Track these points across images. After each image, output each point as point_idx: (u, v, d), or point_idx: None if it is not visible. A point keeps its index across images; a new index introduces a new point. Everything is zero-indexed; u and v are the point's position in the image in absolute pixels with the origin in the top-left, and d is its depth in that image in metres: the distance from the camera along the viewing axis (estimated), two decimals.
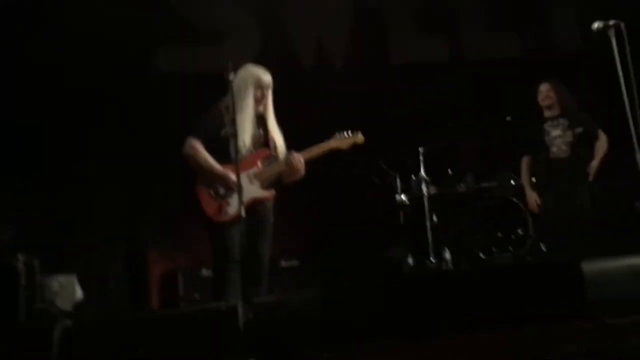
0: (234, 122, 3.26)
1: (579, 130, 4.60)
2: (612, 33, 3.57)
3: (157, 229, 5.82)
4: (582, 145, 4.62)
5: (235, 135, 3.26)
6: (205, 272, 5.23)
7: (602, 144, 4.65)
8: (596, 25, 3.67)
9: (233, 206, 3.35)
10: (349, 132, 3.67)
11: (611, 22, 3.59)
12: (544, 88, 4.75)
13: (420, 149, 5.42)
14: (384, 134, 6.00)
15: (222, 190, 3.43)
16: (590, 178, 4.59)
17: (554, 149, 4.58)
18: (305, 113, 6.14)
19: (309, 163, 3.60)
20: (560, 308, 2.39)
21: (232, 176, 3.31)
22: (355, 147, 3.74)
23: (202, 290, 5.14)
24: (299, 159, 3.50)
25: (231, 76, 3.30)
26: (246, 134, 3.50)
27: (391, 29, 6.59)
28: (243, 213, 3.11)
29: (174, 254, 5.77)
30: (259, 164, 3.56)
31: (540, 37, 6.73)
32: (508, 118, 5.52)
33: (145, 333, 2.68)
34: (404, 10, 6.61)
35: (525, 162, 4.86)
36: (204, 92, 5.66)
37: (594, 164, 4.60)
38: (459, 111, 5.94)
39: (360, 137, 3.67)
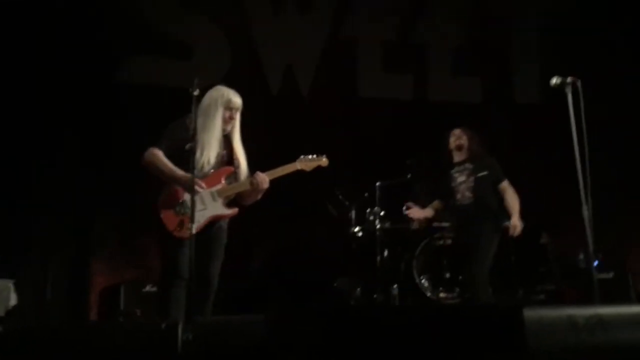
0: (194, 139, 3.26)
1: (483, 173, 4.57)
2: (569, 89, 3.71)
3: (103, 239, 5.69)
4: (486, 189, 4.57)
5: (194, 152, 3.25)
6: (149, 288, 5.11)
7: (511, 195, 4.61)
8: (554, 80, 3.81)
9: (195, 222, 3.21)
10: (314, 155, 3.75)
11: (568, 79, 3.73)
12: (456, 132, 4.77)
13: (378, 183, 5.46)
14: (344, 164, 6.06)
15: (185, 207, 3.36)
16: (515, 234, 4.54)
17: (458, 196, 4.59)
18: (269, 136, 6.15)
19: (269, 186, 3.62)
20: (501, 353, 2.42)
21: (196, 180, 3.24)
22: (313, 174, 3.80)
23: (145, 306, 5.01)
24: (264, 179, 3.52)
25: (196, 92, 3.31)
26: (212, 151, 3.50)
27: (361, 62, 6.69)
28: (193, 230, 3.07)
29: (118, 267, 5.63)
30: (223, 181, 3.54)
31: (502, 86, 6.94)
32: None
33: (78, 344, 2.59)
34: (375, 46, 6.74)
35: (434, 206, 4.86)
36: (168, 106, 5.70)
37: (514, 221, 4.52)
38: (418, 149, 6.04)
39: (324, 161, 3.75)
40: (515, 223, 4.51)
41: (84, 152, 5.67)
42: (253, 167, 4.38)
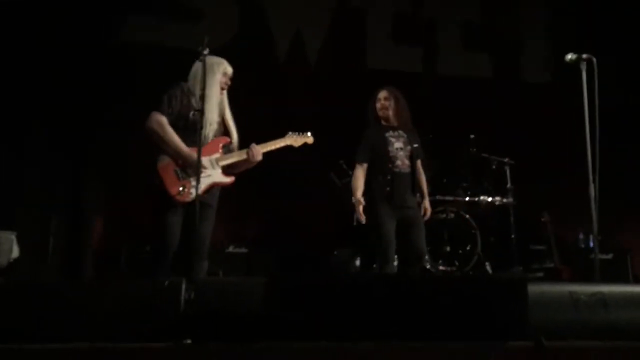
0: (202, 98, 3.26)
1: (416, 145, 4.33)
2: (583, 66, 3.67)
3: (102, 199, 5.68)
4: (417, 162, 4.31)
5: (203, 112, 3.26)
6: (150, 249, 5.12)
7: (422, 174, 4.38)
8: (569, 56, 3.76)
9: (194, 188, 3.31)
10: (301, 132, 3.90)
11: (584, 55, 3.68)
12: (384, 93, 4.38)
13: None
14: (350, 134, 6.03)
15: (187, 171, 3.42)
16: (426, 217, 4.28)
17: (398, 162, 4.21)
18: (275, 103, 6.12)
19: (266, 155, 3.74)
20: (503, 325, 2.42)
21: (193, 158, 3.31)
22: (316, 145, 3.93)
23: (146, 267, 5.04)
24: (259, 151, 3.64)
25: (206, 51, 3.29)
26: (213, 120, 3.56)
27: (371, 33, 6.61)
28: (200, 192, 3.20)
29: (116, 229, 5.64)
30: (220, 149, 3.62)
31: (512, 63, 6.87)
32: (472, 136, 5.63)
33: (81, 300, 2.59)
34: (385, 16, 6.64)
35: (362, 169, 4.31)
36: (172, 67, 5.64)
37: (426, 203, 4.31)
38: (425, 123, 6.00)
39: (310, 138, 3.92)
40: (427, 206, 4.31)
41: (84, 110, 5.61)
42: (257, 132, 4.39)
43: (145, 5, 5.99)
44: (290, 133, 3.86)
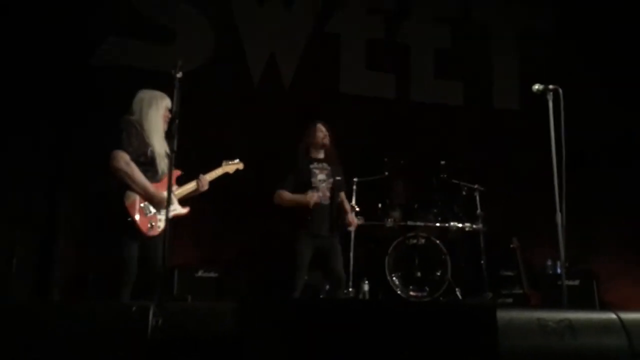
0: (174, 120, 3.36)
1: (339, 178, 4.56)
2: (550, 96, 3.77)
3: (72, 223, 5.58)
4: (338, 195, 4.59)
5: (175, 120, 3.35)
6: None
7: (345, 201, 4.74)
8: (536, 87, 3.87)
9: (162, 221, 3.61)
10: (236, 160, 4.27)
11: (550, 86, 3.79)
12: (323, 128, 4.62)
13: (355, 179, 5.47)
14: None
15: (151, 207, 3.60)
16: (354, 228, 4.78)
17: (319, 193, 4.42)
18: (249, 127, 6.13)
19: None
20: (472, 352, 2.43)
21: (162, 194, 3.52)
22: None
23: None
24: (207, 181, 3.94)
25: (179, 74, 3.32)
26: (163, 155, 3.70)
27: (344, 58, 6.68)
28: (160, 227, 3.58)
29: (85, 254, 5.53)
30: (175, 183, 3.78)
31: (483, 91, 7.00)
32: (442, 162, 5.71)
33: (45, 323, 2.53)
34: (359, 42, 6.73)
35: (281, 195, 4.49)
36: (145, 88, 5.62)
37: (352, 216, 4.68)
38: (396, 148, 6.08)
39: (240, 164, 4.27)
40: (353, 218, 4.69)
41: (57, 132, 5.54)
42: (229, 154, 4.42)
43: (121, 26, 5.96)
44: (224, 161, 4.19)
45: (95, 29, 5.83)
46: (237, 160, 4.27)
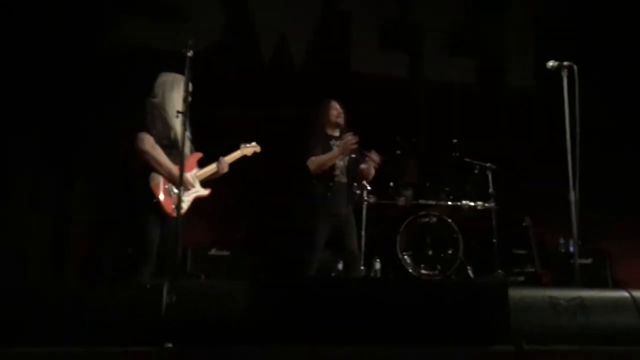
0: (186, 99, 3.37)
1: (354, 156, 4.51)
2: (565, 73, 3.72)
3: (85, 203, 5.62)
4: (353, 171, 4.54)
5: (186, 114, 3.36)
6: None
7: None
8: (551, 63, 3.82)
9: (186, 202, 3.74)
10: (253, 142, 4.33)
11: (565, 63, 3.74)
12: (338, 106, 4.59)
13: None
14: None
15: (175, 189, 3.64)
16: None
17: (337, 172, 4.41)
18: (260, 106, 6.12)
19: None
20: (484, 330, 2.44)
21: (186, 176, 3.67)
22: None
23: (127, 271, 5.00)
24: (226, 163, 4.03)
25: (189, 53, 3.32)
26: (186, 133, 3.70)
27: (356, 37, 6.62)
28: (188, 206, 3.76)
29: (99, 232, 5.58)
30: (196, 165, 3.93)
31: (496, 69, 6.93)
32: (455, 140, 5.67)
33: (61, 304, 2.56)
34: (371, 21, 6.66)
35: None
36: (156, 68, 5.61)
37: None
38: (408, 127, 6.04)
39: (257, 147, 4.33)
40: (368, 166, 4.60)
41: (72, 112, 5.56)
42: (240, 134, 4.43)
43: (132, 5, 5.95)
44: (242, 144, 4.25)
45: (107, 7, 5.81)
46: (254, 143, 4.32)
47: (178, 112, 3.43)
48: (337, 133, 4.56)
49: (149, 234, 3.61)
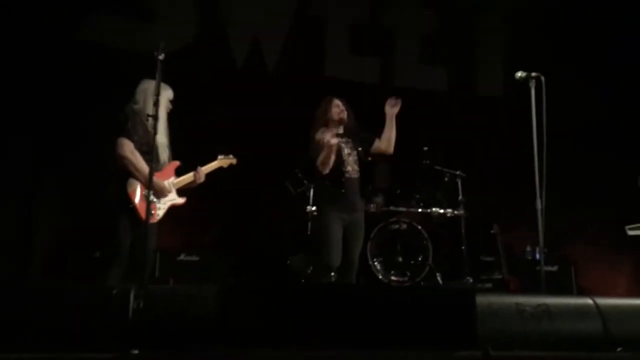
0: (156, 107, 3.36)
1: (360, 149, 4.42)
2: (532, 83, 3.80)
3: (50, 201, 5.51)
4: (363, 168, 4.43)
5: (157, 117, 3.36)
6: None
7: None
8: (519, 74, 3.89)
9: (162, 209, 3.86)
10: (228, 156, 4.41)
11: (533, 74, 3.82)
12: (339, 104, 4.47)
13: None
14: (305, 143, 6.04)
15: (152, 196, 3.68)
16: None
17: (348, 168, 4.30)
18: (231, 109, 6.09)
19: None
20: (451, 336, 2.46)
21: (163, 183, 3.83)
22: (275, 151, 4.58)
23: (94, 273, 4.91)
24: (204, 173, 4.11)
25: (161, 56, 3.30)
26: (164, 140, 3.86)
27: (329, 42, 6.65)
28: (163, 213, 3.87)
29: (64, 230, 5.48)
30: (174, 174, 3.99)
31: (467, 77, 7.02)
32: (425, 148, 5.72)
33: (22, 307, 2.51)
34: (343, 26, 6.70)
35: None
36: (126, 68, 5.55)
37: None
38: (381, 133, 6.07)
39: (234, 160, 4.42)
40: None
41: (39, 111, 5.46)
42: (212, 138, 4.41)
43: (104, 4, 5.87)
44: (220, 155, 4.35)
45: (75, 5, 5.72)
46: (231, 156, 4.41)
47: (149, 115, 3.40)
48: (340, 130, 4.42)
49: (121, 238, 3.64)
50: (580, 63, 6.65)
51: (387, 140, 4.46)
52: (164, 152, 3.85)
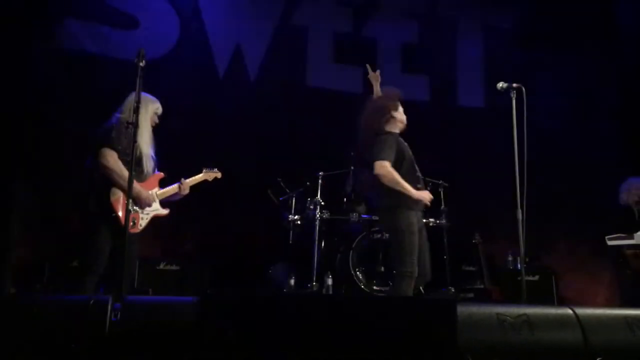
0: (137, 110, 3.29)
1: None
2: (513, 94, 3.84)
3: (26, 212, 5.41)
4: None
5: (137, 124, 3.29)
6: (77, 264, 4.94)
7: None
8: (500, 85, 3.93)
9: (144, 219, 3.88)
10: (214, 168, 4.45)
11: (514, 85, 3.86)
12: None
13: (320, 173, 5.47)
14: (288, 152, 6.04)
15: (137, 206, 3.81)
16: None
17: (417, 168, 4.25)
18: (215, 120, 6.07)
19: None
20: (431, 346, 2.45)
21: (147, 193, 3.85)
22: (256, 160, 4.64)
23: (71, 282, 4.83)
24: (188, 185, 4.16)
25: (142, 63, 3.27)
26: (149, 158, 3.89)
27: (311, 51, 6.66)
28: (146, 223, 3.91)
29: (40, 242, 5.39)
30: (157, 185, 4.02)
31: (448, 88, 7.07)
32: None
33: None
34: (326, 35, 6.72)
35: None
36: (102, 75, 5.50)
37: None
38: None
39: (218, 174, 4.46)
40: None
41: (16, 116, 5.38)
42: (193, 148, 4.37)
43: (83, 11, 5.82)
44: (205, 169, 4.40)
45: (53, 10, 5.66)
46: (216, 169, 4.46)
47: (128, 123, 3.36)
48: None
49: (100, 247, 3.63)
50: (558, 71, 6.74)
51: None
52: (148, 163, 3.87)
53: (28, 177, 5.39)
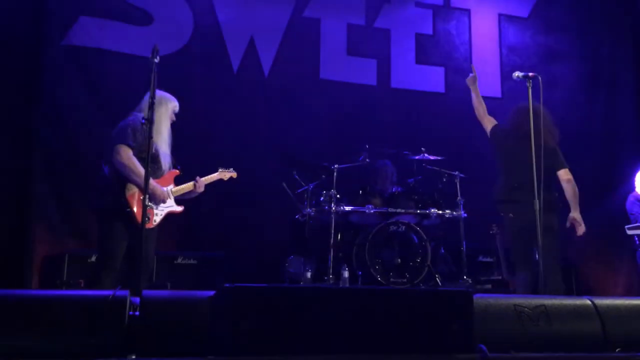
0: (152, 106, 3.35)
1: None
2: (529, 83, 3.80)
3: (44, 207, 5.47)
4: None
5: (152, 121, 3.35)
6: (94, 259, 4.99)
7: None
8: (516, 74, 3.90)
9: (159, 215, 3.93)
10: (228, 169, 4.57)
11: (530, 74, 3.82)
12: None
13: (335, 166, 5.46)
14: (303, 145, 6.04)
15: (151, 201, 3.84)
16: None
17: None
18: (228, 111, 6.08)
19: None
20: (448, 337, 2.44)
21: (162, 189, 3.90)
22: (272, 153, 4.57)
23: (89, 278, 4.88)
24: (203, 183, 4.24)
25: (156, 59, 3.29)
26: (166, 155, 3.98)
27: (325, 43, 6.64)
28: (160, 219, 3.94)
29: (60, 236, 5.45)
30: (173, 182, 4.08)
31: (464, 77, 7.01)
32: (423, 149, 5.72)
33: (15, 312, 2.47)
34: (339, 28, 6.69)
35: None
36: (119, 72, 5.53)
37: None
38: (378, 135, 6.08)
39: (234, 173, 4.58)
40: None
41: (33, 113, 5.44)
42: (207, 142, 4.38)
43: (99, 8, 5.85)
44: (220, 168, 4.50)
45: (68, 8, 5.70)
46: (231, 169, 4.56)
47: (144, 118, 3.40)
48: None
49: (116, 242, 3.69)
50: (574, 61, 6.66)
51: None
52: (165, 160, 3.93)
53: (46, 175, 5.45)
